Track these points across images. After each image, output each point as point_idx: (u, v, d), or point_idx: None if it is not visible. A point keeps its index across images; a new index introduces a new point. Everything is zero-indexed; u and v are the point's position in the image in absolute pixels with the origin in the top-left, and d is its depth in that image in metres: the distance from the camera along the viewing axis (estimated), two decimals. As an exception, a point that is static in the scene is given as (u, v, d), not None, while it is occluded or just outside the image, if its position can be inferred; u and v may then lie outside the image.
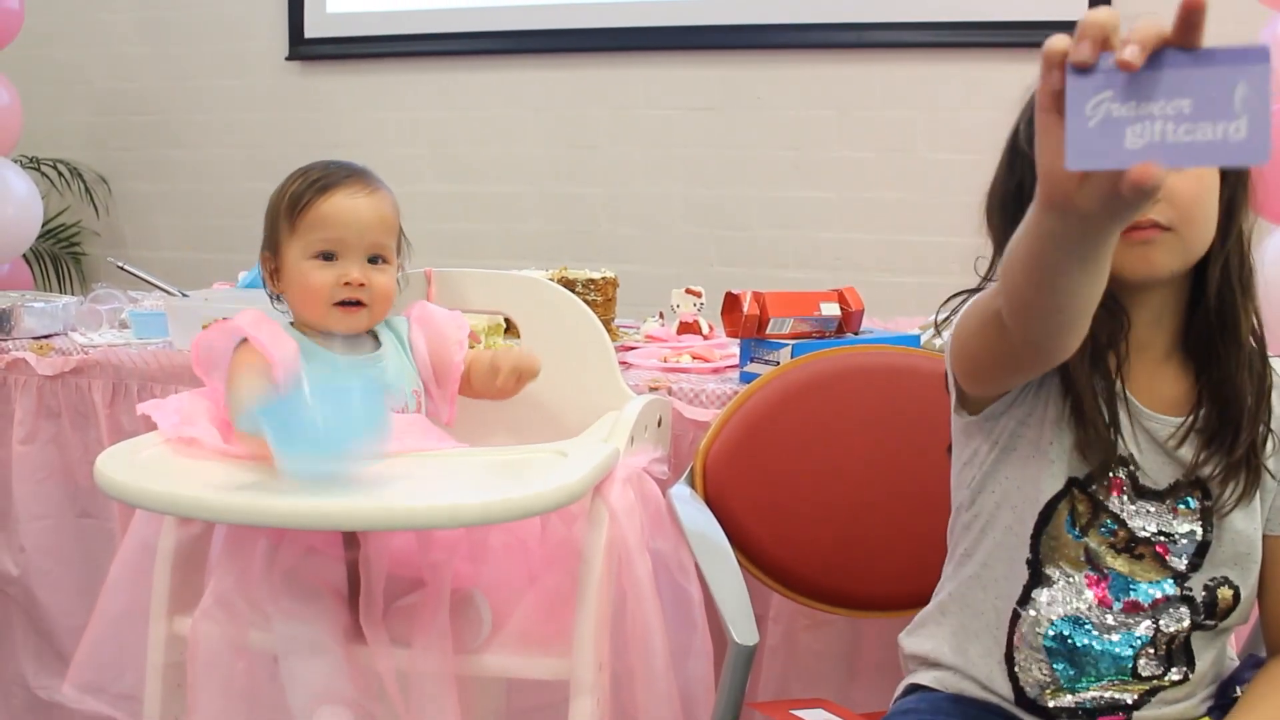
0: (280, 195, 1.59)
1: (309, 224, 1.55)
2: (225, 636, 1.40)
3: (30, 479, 2.31)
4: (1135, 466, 1.21)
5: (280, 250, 1.59)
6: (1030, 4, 3.60)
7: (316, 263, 1.56)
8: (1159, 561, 1.20)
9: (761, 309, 1.92)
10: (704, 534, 1.52)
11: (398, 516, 1.23)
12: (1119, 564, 1.21)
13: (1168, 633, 1.21)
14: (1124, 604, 1.21)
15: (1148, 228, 1.12)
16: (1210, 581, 1.21)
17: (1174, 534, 1.20)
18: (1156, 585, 1.20)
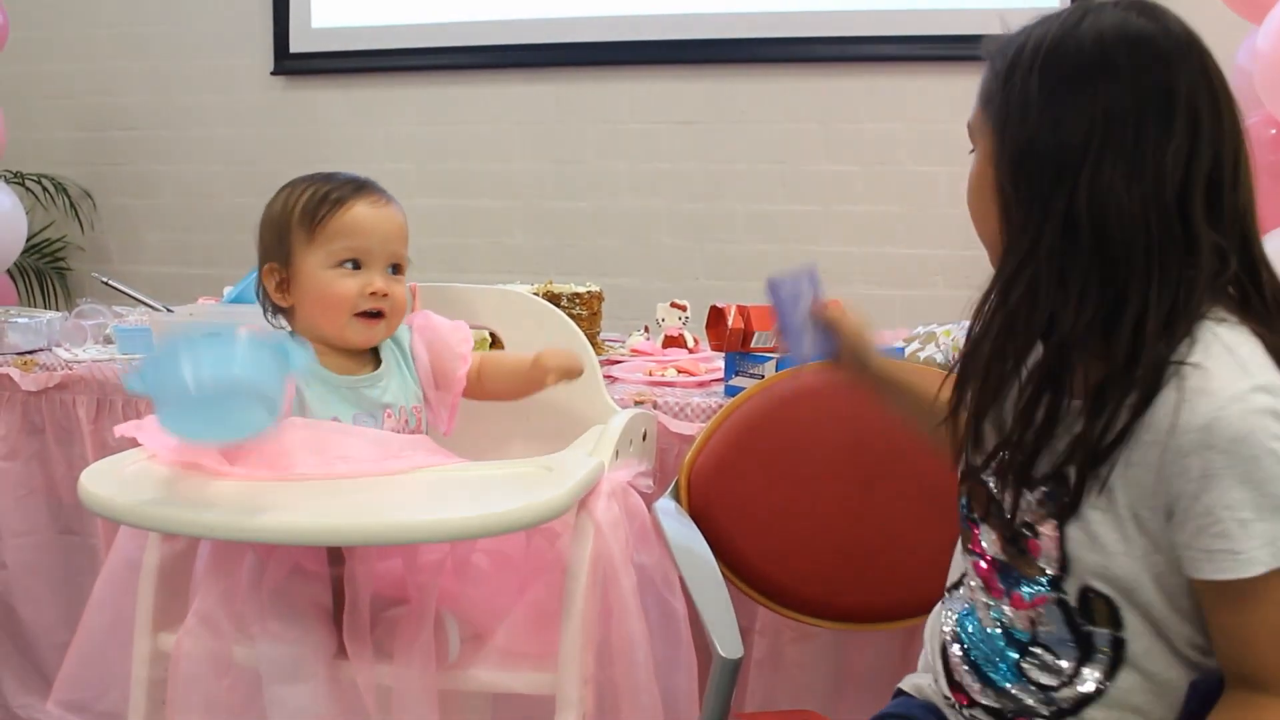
0: (288, 206, 1.57)
1: (332, 233, 1.54)
2: (208, 653, 1.39)
3: (12, 495, 2.30)
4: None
5: (294, 261, 1.56)
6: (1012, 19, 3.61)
7: (340, 271, 1.54)
8: (1032, 559, 1.13)
9: (746, 322, 1.92)
10: (689, 548, 1.53)
11: (382, 531, 1.24)
12: (1008, 555, 1.16)
13: (1048, 636, 1.14)
14: (1011, 598, 1.16)
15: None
16: (1083, 588, 1.11)
17: (1036, 526, 1.12)
18: (1033, 583, 1.14)
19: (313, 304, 1.56)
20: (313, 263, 1.55)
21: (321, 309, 1.55)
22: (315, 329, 1.58)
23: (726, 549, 1.63)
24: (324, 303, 1.55)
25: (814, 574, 1.67)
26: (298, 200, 1.56)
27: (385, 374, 1.60)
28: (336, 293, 1.54)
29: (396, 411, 1.57)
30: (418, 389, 1.62)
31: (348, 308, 1.54)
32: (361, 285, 1.54)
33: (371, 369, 1.60)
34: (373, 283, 1.54)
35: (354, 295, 1.54)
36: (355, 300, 1.54)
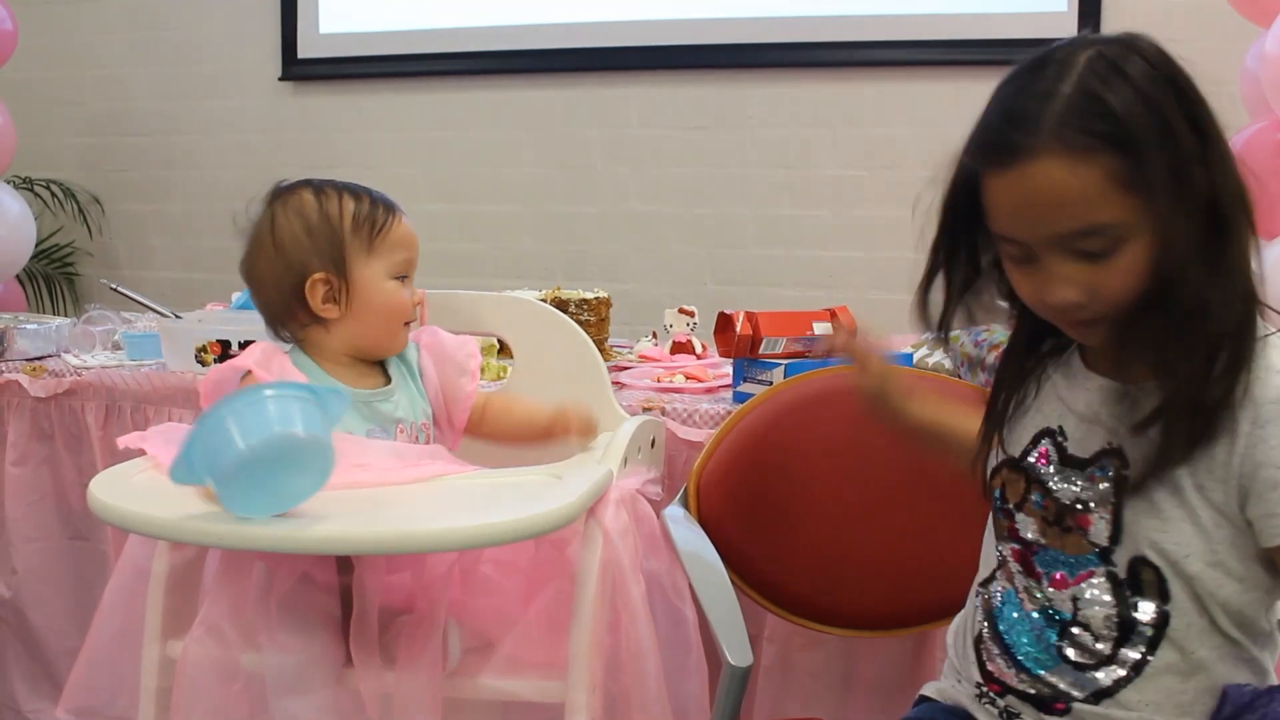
0: (335, 215, 1.55)
1: (392, 244, 1.57)
2: (214, 662, 1.39)
3: (23, 501, 2.31)
4: (1063, 436, 1.21)
5: (350, 270, 1.54)
6: (1019, 22, 3.62)
7: (397, 283, 1.58)
8: (1082, 533, 1.18)
9: (754, 329, 1.92)
10: (698, 555, 1.52)
11: (392, 540, 1.23)
12: (1049, 537, 1.20)
13: (1091, 614, 1.17)
14: (1051, 579, 1.20)
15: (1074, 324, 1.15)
16: (1134, 558, 1.16)
17: (1090, 502, 1.17)
18: (1081, 559, 1.18)
19: (374, 314, 1.56)
20: (374, 273, 1.55)
21: (383, 319, 1.57)
22: (364, 338, 1.57)
23: (735, 555, 1.63)
24: (386, 313, 1.56)
25: (823, 581, 1.67)
26: (343, 210, 1.55)
27: (396, 389, 1.60)
28: (399, 303, 1.57)
29: (408, 427, 1.57)
30: (426, 405, 1.62)
31: (403, 316, 1.59)
32: (411, 295, 1.59)
33: (382, 384, 1.60)
34: (416, 293, 1.60)
35: (409, 305, 1.59)
36: (409, 310, 1.59)
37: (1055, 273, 1.10)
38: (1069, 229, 1.08)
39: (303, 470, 1.23)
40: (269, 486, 1.21)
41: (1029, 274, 1.13)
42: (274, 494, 1.22)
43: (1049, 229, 1.08)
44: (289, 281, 1.54)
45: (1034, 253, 1.11)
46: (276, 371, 1.48)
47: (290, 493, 1.23)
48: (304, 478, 1.23)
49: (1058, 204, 1.07)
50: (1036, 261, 1.11)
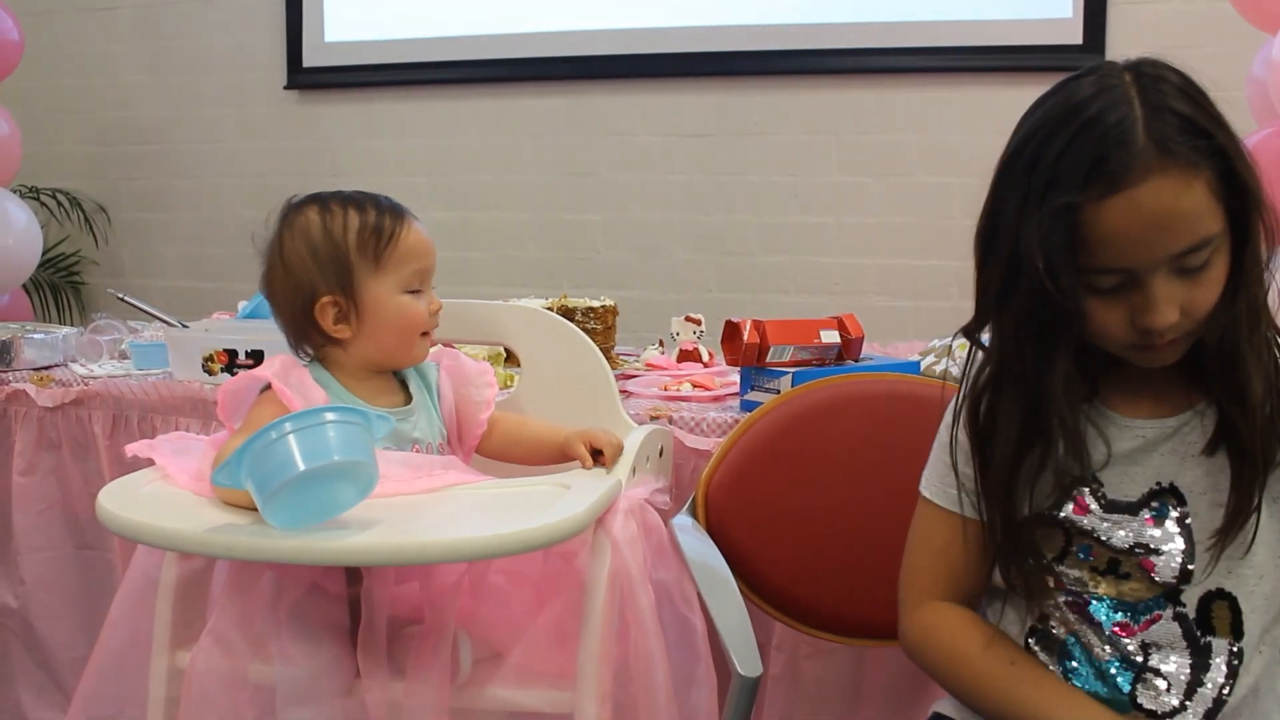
0: (340, 234, 1.52)
1: (401, 257, 1.53)
2: (222, 672, 1.38)
3: (30, 510, 2.31)
4: (1099, 484, 1.20)
5: (357, 289, 1.52)
6: (1022, 29, 3.62)
7: (411, 296, 1.55)
8: (1147, 576, 1.18)
9: (761, 337, 1.92)
10: (707, 564, 1.52)
11: (401, 551, 1.23)
12: (1103, 587, 1.20)
13: (1161, 659, 1.18)
14: (1112, 628, 1.19)
15: (1164, 345, 1.13)
16: (1206, 595, 1.17)
17: (1153, 544, 1.18)
18: (1146, 605, 1.18)
19: (388, 330, 1.54)
20: (386, 289, 1.53)
21: (397, 334, 1.54)
22: (381, 353, 1.56)
23: (743, 564, 1.63)
24: (400, 327, 1.54)
25: (832, 589, 1.66)
26: (347, 228, 1.53)
27: (416, 409, 1.59)
28: (413, 316, 1.54)
29: (424, 448, 1.56)
30: (443, 427, 1.62)
31: (419, 329, 1.56)
32: (428, 305, 1.56)
33: (403, 402, 1.59)
34: (434, 301, 1.57)
35: (425, 316, 1.56)
36: (425, 321, 1.56)
37: (1159, 294, 1.08)
38: (1182, 246, 1.06)
39: (348, 487, 1.25)
40: (313, 504, 1.23)
41: (1116, 303, 1.10)
42: (316, 510, 1.24)
43: (1164, 250, 1.06)
44: (299, 304, 1.53)
45: (1137, 278, 1.08)
46: (295, 385, 1.47)
47: (331, 507, 1.25)
48: (347, 493, 1.25)
49: (1173, 222, 1.05)
50: (1134, 288, 1.09)
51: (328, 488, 1.23)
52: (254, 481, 1.20)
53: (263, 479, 1.20)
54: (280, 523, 1.22)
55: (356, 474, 1.24)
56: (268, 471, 1.19)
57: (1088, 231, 1.07)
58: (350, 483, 1.24)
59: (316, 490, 1.22)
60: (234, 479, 1.21)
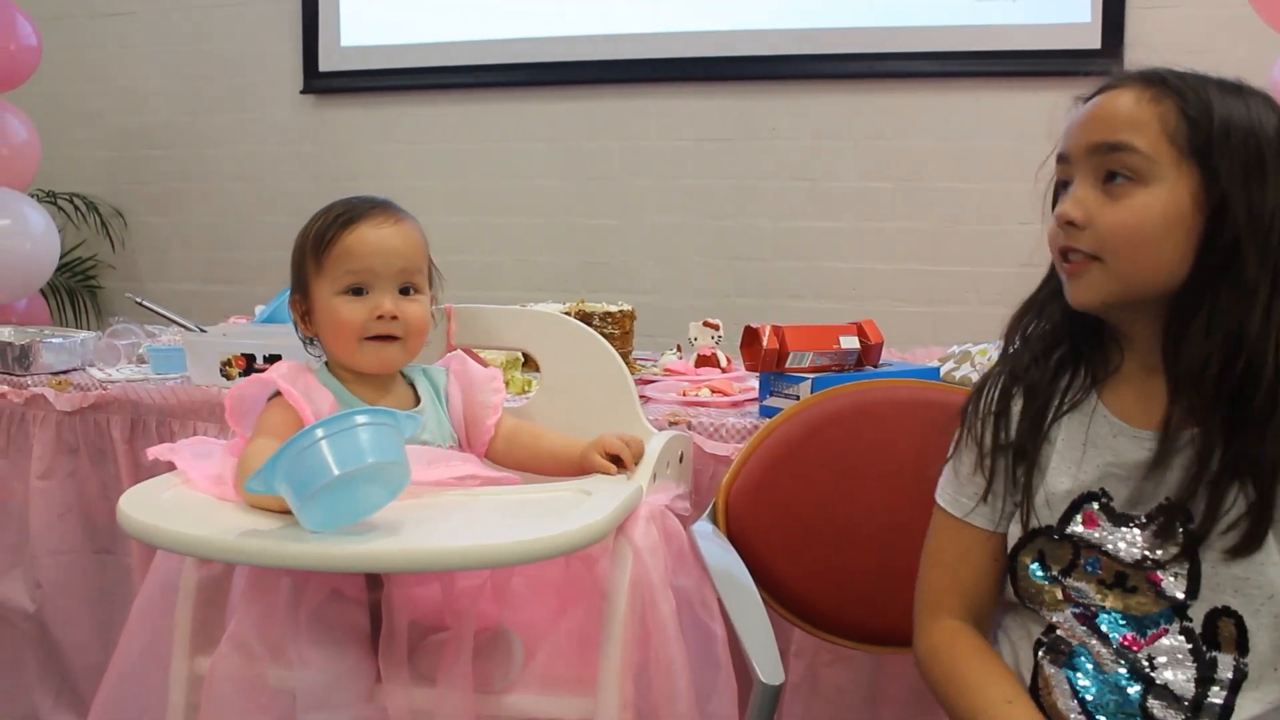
0: (305, 235, 1.56)
1: (335, 259, 1.52)
2: (241, 678, 1.38)
3: (48, 514, 2.31)
4: (1108, 497, 1.20)
5: (309, 291, 1.56)
6: (1041, 34, 3.61)
7: (346, 298, 1.52)
8: (1154, 590, 1.18)
9: (780, 343, 1.91)
10: (728, 571, 1.51)
11: (421, 558, 1.22)
12: (1110, 600, 1.19)
13: (1168, 674, 1.17)
14: (1119, 640, 1.19)
15: (1074, 261, 1.19)
16: (1212, 610, 1.17)
17: (1160, 559, 1.17)
18: (1153, 618, 1.18)
19: (327, 332, 1.55)
20: (324, 291, 1.53)
21: (334, 336, 1.54)
22: (334, 357, 1.58)
23: (763, 571, 1.62)
24: (335, 331, 1.53)
25: (851, 597, 1.65)
26: (312, 228, 1.56)
27: (425, 412, 1.58)
28: (344, 320, 1.52)
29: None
30: (452, 430, 1.62)
31: (355, 333, 1.52)
32: (369, 310, 1.52)
33: (411, 404, 1.59)
34: (380, 305, 1.52)
35: (361, 321, 1.52)
36: (363, 325, 1.52)
37: (1074, 190, 1.17)
38: (1100, 138, 1.16)
39: (380, 489, 1.26)
40: (347, 505, 1.24)
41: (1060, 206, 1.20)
42: (350, 511, 1.25)
43: (1086, 136, 1.17)
44: (289, 301, 1.60)
45: (1070, 172, 1.19)
46: (302, 389, 1.48)
47: (364, 507, 1.26)
48: (379, 493, 1.26)
49: (1103, 113, 1.17)
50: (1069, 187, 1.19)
51: (360, 489, 1.23)
52: (290, 487, 1.20)
53: (298, 485, 1.20)
54: (315, 525, 1.23)
55: (389, 474, 1.25)
56: (302, 478, 1.20)
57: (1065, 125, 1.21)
58: (382, 482, 1.25)
59: (350, 492, 1.22)
60: (268, 485, 1.21)
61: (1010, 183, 3.58)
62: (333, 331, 1.54)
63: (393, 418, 1.26)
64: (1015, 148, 3.57)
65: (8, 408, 2.32)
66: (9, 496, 2.34)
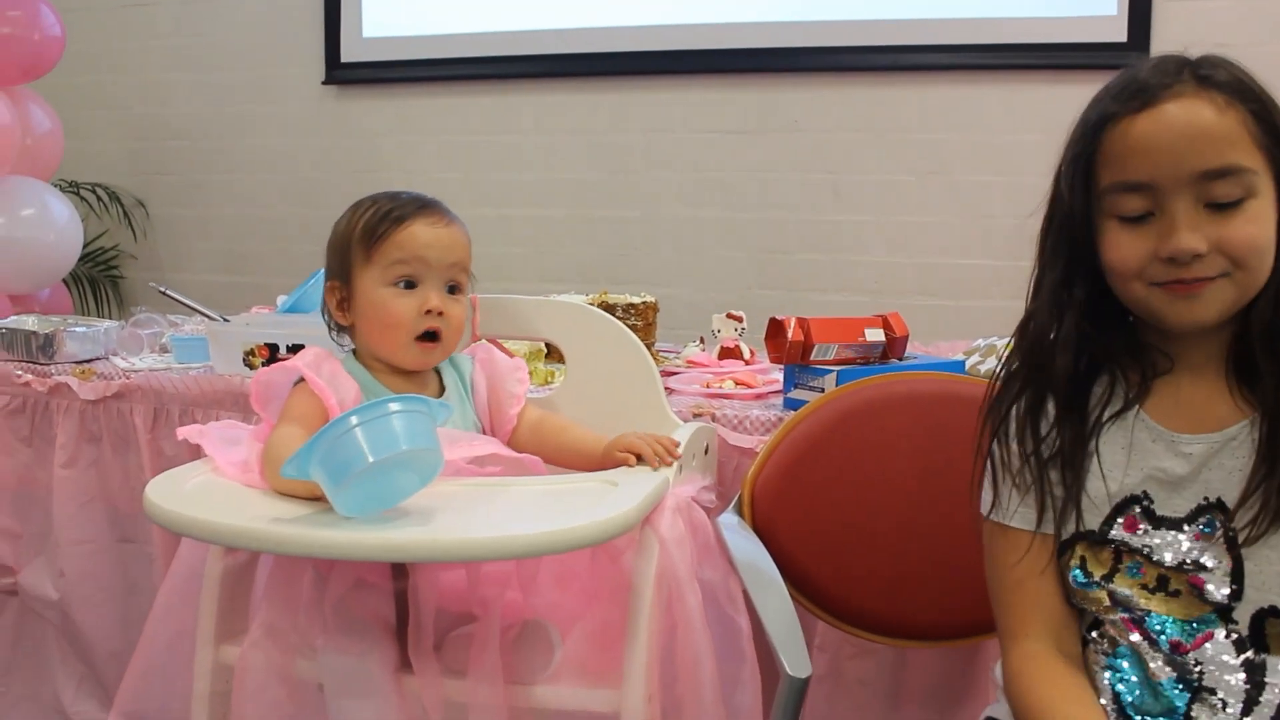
0: (351, 224, 1.56)
1: (389, 250, 1.52)
2: (273, 667, 1.38)
3: (71, 503, 2.31)
4: (1149, 500, 1.19)
5: (352, 279, 1.55)
6: (1067, 27, 3.58)
7: (396, 290, 1.53)
8: (1197, 595, 1.16)
9: (806, 335, 1.90)
10: (754, 564, 1.50)
11: (447, 548, 1.22)
12: (1154, 604, 1.18)
13: (1217, 678, 1.15)
14: (1168, 644, 1.17)
15: (1194, 282, 1.12)
16: (1259, 612, 1.14)
17: (1203, 561, 1.15)
18: (1197, 622, 1.16)
19: (370, 323, 1.55)
20: (370, 280, 1.54)
21: (379, 329, 1.54)
22: (372, 348, 1.57)
23: (788, 563, 1.61)
24: (381, 323, 1.54)
25: (876, 589, 1.65)
26: (360, 218, 1.56)
27: (450, 400, 1.58)
28: (393, 312, 1.52)
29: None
30: (476, 419, 1.61)
31: (406, 330, 1.53)
32: (418, 304, 1.52)
33: (435, 393, 1.59)
34: (429, 300, 1.53)
35: (411, 316, 1.52)
36: (413, 322, 1.52)
37: (1181, 219, 1.10)
38: (1208, 165, 1.08)
39: (413, 475, 1.26)
40: (382, 491, 1.24)
41: (1141, 234, 1.12)
42: (384, 497, 1.25)
43: (1188, 165, 1.09)
44: (324, 288, 1.60)
45: (1163, 203, 1.10)
46: (328, 376, 1.48)
47: (398, 493, 1.26)
48: (412, 479, 1.27)
49: (1200, 136, 1.09)
50: (1161, 215, 1.11)
51: (395, 475, 1.24)
52: (325, 473, 1.21)
53: (333, 471, 1.21)
54: (349, 511, 1.23)
55: (422, 460, 1.25)
56: (337, 464, 1.20)
57: (1116, 144, 1.12)
58: (416, 469, 1.26)
59: (384, 479, 1.23)
60: (302, 471, 1.22)
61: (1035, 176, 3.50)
62: (379, 324, 1.54)
63: (425, 405, 1.26)
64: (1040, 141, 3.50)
65: (32, 396, 2.33)
66: (33, 485, 2.35)
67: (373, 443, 1.20)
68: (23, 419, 2.35)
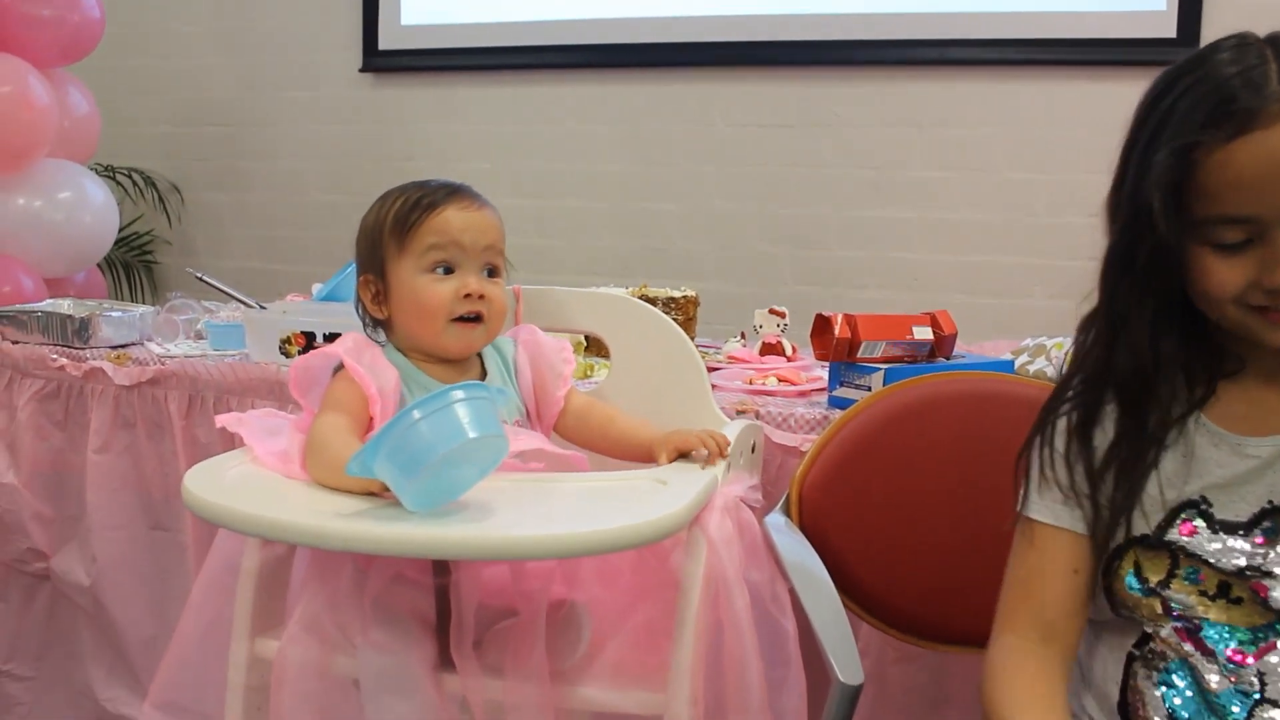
0: (381, 215, 1.54)
1: (421, 237, 1.50)
2: (313, 662, 1.36)
3: (104, 489, 2.31)
4: (1207, 504, 1.15)
5: (386, 271, 1.53)
6: (1114, 21, 3.52)
7: (433, 276, 1.50)
8: (1260, 603, 1.12)
9: (853, 332, 1.87)
10: (804, 566, 1.47)
11: (497, 546, 1.19)
12: (1214, 612, 1.14)
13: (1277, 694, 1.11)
14: (1226, 654, 1.13)
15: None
16: None
17: (1265, 567, 1.12)
18: (1260, 630, 1.12)
19: (408, 313, 1.52)
20: (406, 270, 1.51)
21: (417, 317, 1.51)
22: (412, 339, 1.54)
23: (835, 564, 1.57)
24: (419, 310, 1.51)
25: (924, 593, 1.61)
26: (390, 210, 1.53)
27: (492, 385, 1.55)
28: (431, 298, 1.49)
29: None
30: (520, 404, 1.58)
31: (443, 313, 1.50)
32: (455, 289, 1.50)
33: (478, 378, 1.56)
34: (467, 284, 1.50)
35: (449, 300, 1.49)
36: (450, 305, 1.50)
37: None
38: None
39: (479, 464, 1.24)
40: (449, 484, 1.22)
41: (1239, 262, 1.07)
42: (451, 488, 1.23)
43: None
44: (357, 283, 1.57)
45: (1266, 231, 1.05)
46: (368, 364, 1.46)
47: (464, 483, 1.24)
48: (474, 471, 1.24)
49: None
50: (1262, 243, 1.05)
51: (461, 465, 1.22)
52: (394, 468, 1.19)
53: (402, 466, 1.18)
54: (420, 506, 1.21)
55: (488, 447, 1.24)
56: (406, 459, 1.18)
57: (1213, 176, 1.04)
58: (481, 457, 1.24)
59: (452, 469, 1.21)
60: (366, 469, 1.20)
61: (1080, 174, 3.50)
62: (416, 312, 1.51)
63: (485, 390, 1.24)
64: (1085, 137, 3.49)
65: (66, 380, 2.32)
66: (66, 469, 2.35)
67: (440, 434, 1.17)
68: (57, 403, 2.34)
